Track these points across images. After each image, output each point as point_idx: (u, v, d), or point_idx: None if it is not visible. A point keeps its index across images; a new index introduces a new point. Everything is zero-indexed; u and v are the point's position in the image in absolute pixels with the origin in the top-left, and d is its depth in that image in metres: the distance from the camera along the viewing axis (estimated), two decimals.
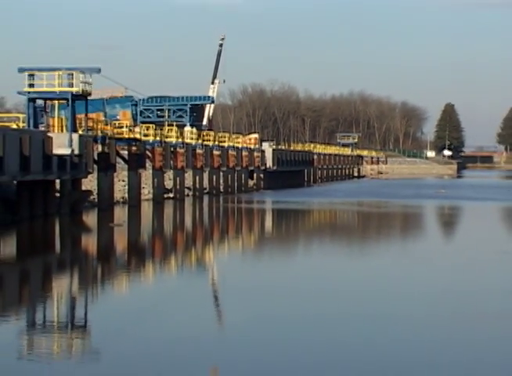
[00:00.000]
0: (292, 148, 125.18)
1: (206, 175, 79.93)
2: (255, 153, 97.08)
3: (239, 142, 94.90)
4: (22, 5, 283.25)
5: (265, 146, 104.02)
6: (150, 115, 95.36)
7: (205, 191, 79.23)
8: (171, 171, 71.75)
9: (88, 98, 59.00)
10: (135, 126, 72.54)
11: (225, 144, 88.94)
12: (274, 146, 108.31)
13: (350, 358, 17.28)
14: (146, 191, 67.66)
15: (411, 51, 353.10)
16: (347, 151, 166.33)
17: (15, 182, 49.41)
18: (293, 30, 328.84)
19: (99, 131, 61.02)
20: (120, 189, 64.04)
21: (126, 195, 63.98)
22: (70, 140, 53.19)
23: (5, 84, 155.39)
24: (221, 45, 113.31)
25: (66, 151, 52.69)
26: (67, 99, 56.00)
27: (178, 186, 72.61)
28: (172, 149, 72.37)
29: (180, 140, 75.77)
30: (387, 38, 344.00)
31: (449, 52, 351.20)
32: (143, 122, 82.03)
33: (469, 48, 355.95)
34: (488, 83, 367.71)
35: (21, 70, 56.47)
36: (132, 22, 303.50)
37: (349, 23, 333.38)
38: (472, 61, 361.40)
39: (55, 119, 56.90)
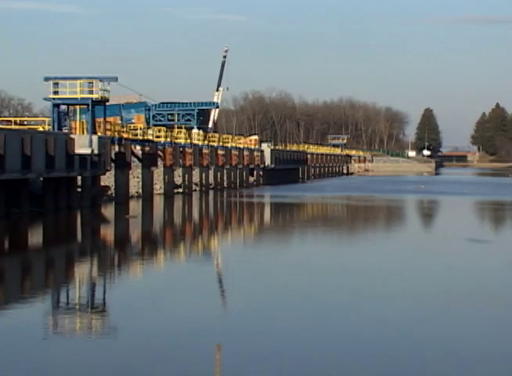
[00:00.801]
0: (288, 148, 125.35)
1: (211, 172, 79.95)
2: (255, 153, 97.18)
3: (240, 143, 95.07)
4: (49, 22, 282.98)
5: (264, 146, 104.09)
6: (162, 119, 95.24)
7: (211, 186, 79.21)
8: (180, 168, 71.81)
9: (106, 103, 58.98)
10: (148, 129, 72.47)
11: (229, 145, 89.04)
12: (272, 147, 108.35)
13: (341, 326, 17.40)
14: (158, 186, 67.65)
15: (395, 62, 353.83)
16: (338, 151, 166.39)
17: (41, 178, 49.58)
18: (289, 43, 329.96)
19: (116, 133, 61.10)
20: (135, 184, 64.03)
21: (140, 190, 64.03)
22: (90, 141, 53.26)
23: (33, 91, 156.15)
24: (224, 57, 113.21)
25: (87, 151, 52.79)
26: (88, 105, 56.19)
27: (186, 182, 72.66)
28: (181, 149, 72.52)
29: (188, 141, 75.90)
30: (373, 51, 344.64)
31: (429, 63, 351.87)
32: (155, 125, 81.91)
33: (447, 60, 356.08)
34: (463, 91, 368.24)
35: (47, 79, 56.63)
36: (146, 36, 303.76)
37: (339, 38, 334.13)
38: (449, 71, 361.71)
39: (77, 122, 57.10)
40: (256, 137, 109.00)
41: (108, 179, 58.92)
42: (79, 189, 54.13)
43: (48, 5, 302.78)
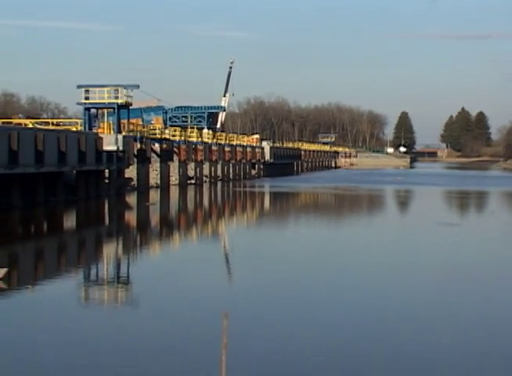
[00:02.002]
0: (284, 145, 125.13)
1: (219, 166, 79.86)
2: (257, 150, 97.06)
3: (244, 141, 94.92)
4: (81, 37, 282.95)
5: (264, 144, 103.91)
6: (177, 120, 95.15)
7: (219, 178, 79.12)
8: (193, 163, 71.71)
9: (130, 107, 58.99)
10: (165, 129, 72.45)
11: (234, 142, 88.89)
12: (271, 144, 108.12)
13: (329, 287, 17.46)
14: (174, 178, 67.55)
15: (376, 71, 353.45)
16: (327, 148, 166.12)
17: (74, 171, 49.60)
18: (285, 55, 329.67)
19: (138, 133, 61.09)
20: (154, 176, 63.95)
21: (158, 181, 63.96)
22: (116, 139, 53.26)
23: (67, 97, 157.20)
24: (230, 68, 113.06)
25: (113, 148, 52.82)
26: (114, 108, 56.13)
27: (198, 175, 72.63)
28: (193, 146, 72.46)
29: (199, 140, 75.85)
30: (358, 62, 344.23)
31: (406, 72, 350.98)
32: (171, 126, 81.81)
33: (421, 70, 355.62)
34: (434, 96, 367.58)
35: (79, 87, 56.57)
36: (164, 49, 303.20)
37: (329, 52, 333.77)
38: (423, 80, 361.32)
39: (105, 123, 57.03)
40: (257, 136, 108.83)
41: (131, 172, 58.87)
42: (106, 181, 54.12)
43: (83, 24, 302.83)
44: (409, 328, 14.54)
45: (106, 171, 54.00)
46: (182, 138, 70.50)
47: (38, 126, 55.75)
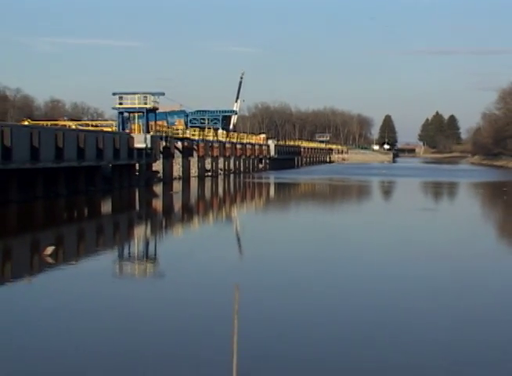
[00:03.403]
0: (287, 143, 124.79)
1: (232, 161, 79.73)
2: (263, 147, 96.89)
3: (253, 140, 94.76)
4: (116, 52, 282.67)
5: (270, 142, 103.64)
6: (196, 122, 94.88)
7: (231, 171, 79.00)
8: (209, 158, 71.56)
9: (156, 111, 58.92)
10: (186, 129, 72.38)
11: (244, 141, 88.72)
12: (275, 142, 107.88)
13: (327, 258, 17.41)
14: (193, 171, 67.43)
15: (364, 81, 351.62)
16: (322, 145, 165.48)
17: (110, 165, 49.58)
18: (287, 67, 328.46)
19: (163, 133, 60.98)
20: (177, 169, 63.82)
21: (181, 173, 63.80)
22: (145, 138, 53.20)
23: (104, 102, 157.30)
24: (241, 78, 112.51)
25: (143, 145, 52.77)
26: (143, 112, 56.10)
27: (214, 168, 72.47)
28: (210, 144, 72.31)
29: (215, 138, 75.68)
30: (349, 73, 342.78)
31: (390, 81, 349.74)
32: (191, 127, 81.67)
33: (403, 80, 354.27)
34: (413, 102, 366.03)
35: (114, 94, 56.60)
36: (185, 62, 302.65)
37: (325, 64, 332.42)
38: (404, 88, 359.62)
39: (136, 125, 56.94)
40: (264, 135, 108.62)
41: (158, 166, 58.80)
42: (137, 173, 54.11)
43: (119, 42, 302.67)
44: (388, 294, 14.44)
45: (137, 165, 53.97)
46: (201, 137, 70.37)
47: (80, 127, 55.79)
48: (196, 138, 69.10)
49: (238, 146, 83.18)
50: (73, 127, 54.83)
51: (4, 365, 9.61)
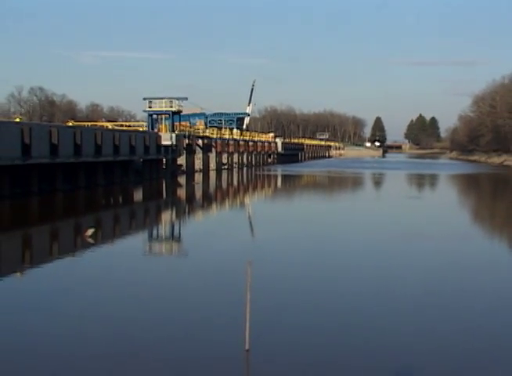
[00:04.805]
0: (292, 141, 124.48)
1: (245, 156, 79.59)
2: (272, 144, 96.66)
3: (263, 138, 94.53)
4: (145, 63, 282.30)
5: (277, 140, 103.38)
6: (214, 123, 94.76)
7: (244, 165, 78.90)
8: (226, 153, 71.48)
9: (180, 113, 58.87)
10: (205, 129, 72.27)
11: (255, 139, 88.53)
12: (282, 140, 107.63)
13: (329, 239, 17.34)
14: (212, 165, 67.31)
15: (358, 87, 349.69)
16: (322, 143, 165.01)
17: (141, 160, 49.53)
18: (292, 75, 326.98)
19: (186, 132, 60.88)
20: (198, 163, 63.70)
21: (201, 167, 63.68)
22: (171, 137, 53.15)
23: (136, 106, 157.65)
24: (253, 85, 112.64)
25: (169, 143, 52.72)
26: (169, 114, 56.10)
27: (229, 162, 72.33)
28: (226, 141, 72.20)
29: (231, 137, 75.52)
30: (345, 81, 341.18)
31: (380, 87, 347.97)
32: (210, 126, 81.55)
33: (390, 86, 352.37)
34: (400, 106, 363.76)
35: (145, 99, 56.73)
36: (206, 71, 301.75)
37: (323, 73, 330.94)
38: (392, 93, 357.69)
39: (163, 125, 56.96)
40: (272, 134, 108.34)
41: (181, 160, 58.80)
42: (164, 167, 54.07)
43: (149, 55, 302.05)
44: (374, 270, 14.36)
45: (164, 159, 53.93)
46: (218, 135, 70.26)
47: (116, 127, 55.80)
48: (214, 136, 68.99)
49: (250, 143, 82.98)
50: (110, 127, 54.89)
51: (73, 312, 9.71)
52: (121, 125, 63.77)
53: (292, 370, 8.07)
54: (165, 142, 52.27)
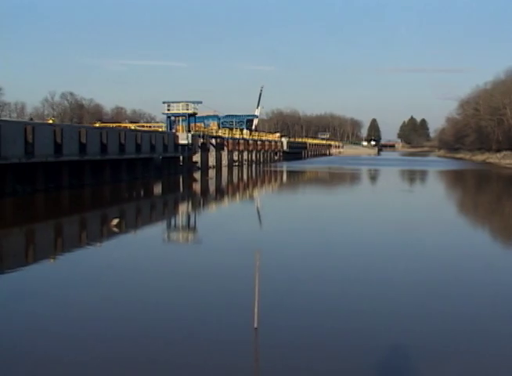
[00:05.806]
0: (296, 140, 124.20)
1: (254, 154, 79.41)
2: (278, 143, 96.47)
3: (270, 137, 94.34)
4: (165, 70, 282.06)
5: (283, 139, 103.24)
6: (226, 124, 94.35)
7: (253, 162, 78.71)
8: (236, 151, 71.35)
9: (196, 116, 58.77)
10: (218, 130, 72.15)
11: (263, 138, 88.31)
12: (287, 139, 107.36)
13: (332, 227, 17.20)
14: (224, 162, 67.17)
15: (356, 91, 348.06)
16: (324, 142, 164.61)
17: (160, 157, 49.46)
18: (296, 81, 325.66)
19: (201, 132, 60.75)
20: (211, 160, 63.55)
21: (214, 163, 63.53)
22: (187, 136, 53.09)
23: (156, 109, 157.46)
24: (261, 90, 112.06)
25: (185, 142, 52.67)
26: (186, 116, 56.00)
27: (239, 159, 72.20)
28: (237, 141, 72.04)
29: (241, 136, 75.34)
30: (345, 85, 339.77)
31: (375, 92, 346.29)
32: (223, 127, 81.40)
33: (385, 91, 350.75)
34: (394, 109, 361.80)
35: (164, 102, 56.72)
36: (219, 78, 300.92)
37: (324, 78, 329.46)
38: (387, 97, 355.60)
39: (180, 126, 56.84)
40: (279, 134, 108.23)
41: (197, 158, 58.71)
42: (181, 163, 53.99)
43: (165, 62, 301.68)
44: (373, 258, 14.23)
45: (181, 157, 53.86)
46: (229, 135, 70.07)
47: (138, 128, 55.77)
48: (226, 136, 68.82)
49: (258, 142, 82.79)
50: (133, 128, 54.83)
51: (111, 287, 9.72)
52: (143, 126, 63.70)
53: (298, 346, 7.96)
54: (182, 141, 52.20)
